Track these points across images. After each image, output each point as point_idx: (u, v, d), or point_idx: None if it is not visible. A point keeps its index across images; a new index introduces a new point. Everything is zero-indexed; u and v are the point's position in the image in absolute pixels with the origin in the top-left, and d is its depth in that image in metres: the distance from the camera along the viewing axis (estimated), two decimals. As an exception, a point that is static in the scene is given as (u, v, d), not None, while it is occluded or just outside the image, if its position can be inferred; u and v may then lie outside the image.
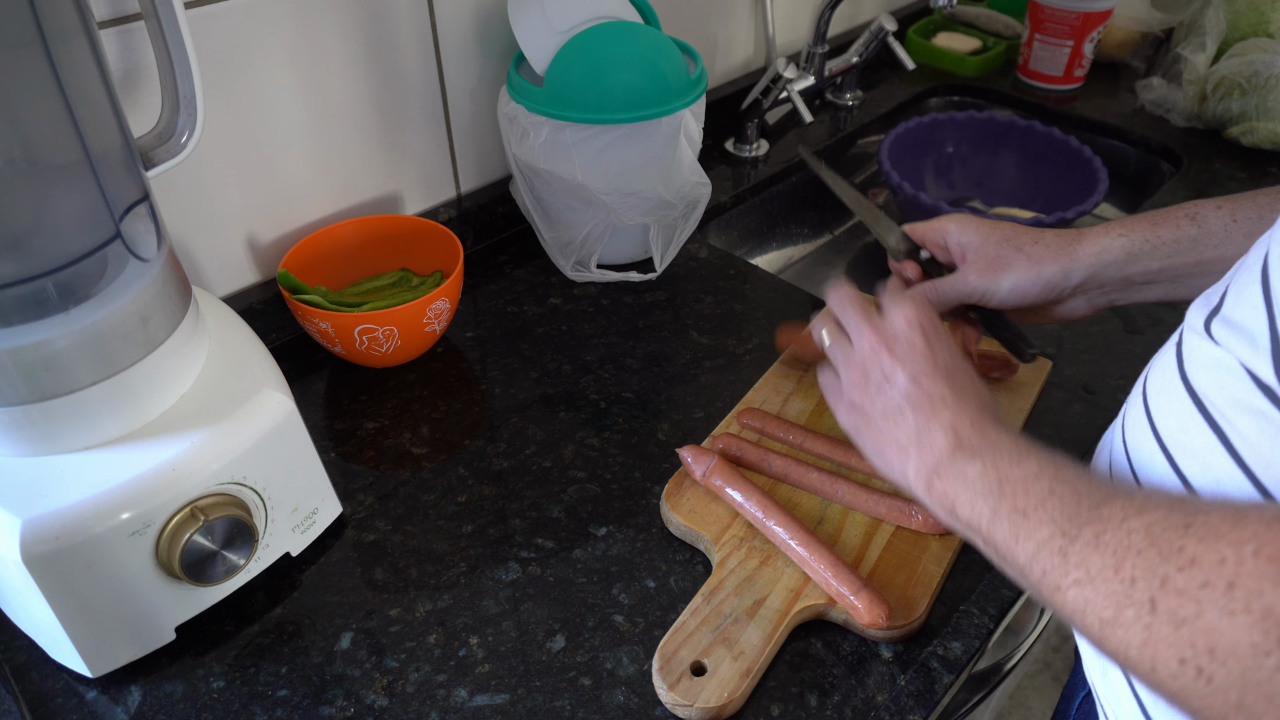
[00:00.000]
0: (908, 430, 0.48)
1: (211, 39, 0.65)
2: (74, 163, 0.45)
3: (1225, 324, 0.37)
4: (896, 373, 0.50)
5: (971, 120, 1.10)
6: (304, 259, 0.75)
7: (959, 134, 1.11)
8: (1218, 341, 0.37)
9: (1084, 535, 0.36)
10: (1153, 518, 0.33)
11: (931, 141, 1.11)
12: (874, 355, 0.51)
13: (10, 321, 0.45)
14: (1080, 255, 0.58)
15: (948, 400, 0.48)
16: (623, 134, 0.76)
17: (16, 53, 0.41)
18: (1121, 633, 0.33)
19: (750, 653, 0.52)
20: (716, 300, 0.84)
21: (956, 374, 0.50)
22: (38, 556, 0.46)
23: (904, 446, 0.48)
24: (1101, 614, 0.34)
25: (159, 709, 0.52)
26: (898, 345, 0.51)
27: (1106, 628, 0.33)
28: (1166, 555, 0.31)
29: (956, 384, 0.49)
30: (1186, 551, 0.31)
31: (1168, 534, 0.32)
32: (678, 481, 0.63)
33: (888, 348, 0.51)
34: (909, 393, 0.49)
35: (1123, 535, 0.34)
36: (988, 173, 1.13)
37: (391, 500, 0.64)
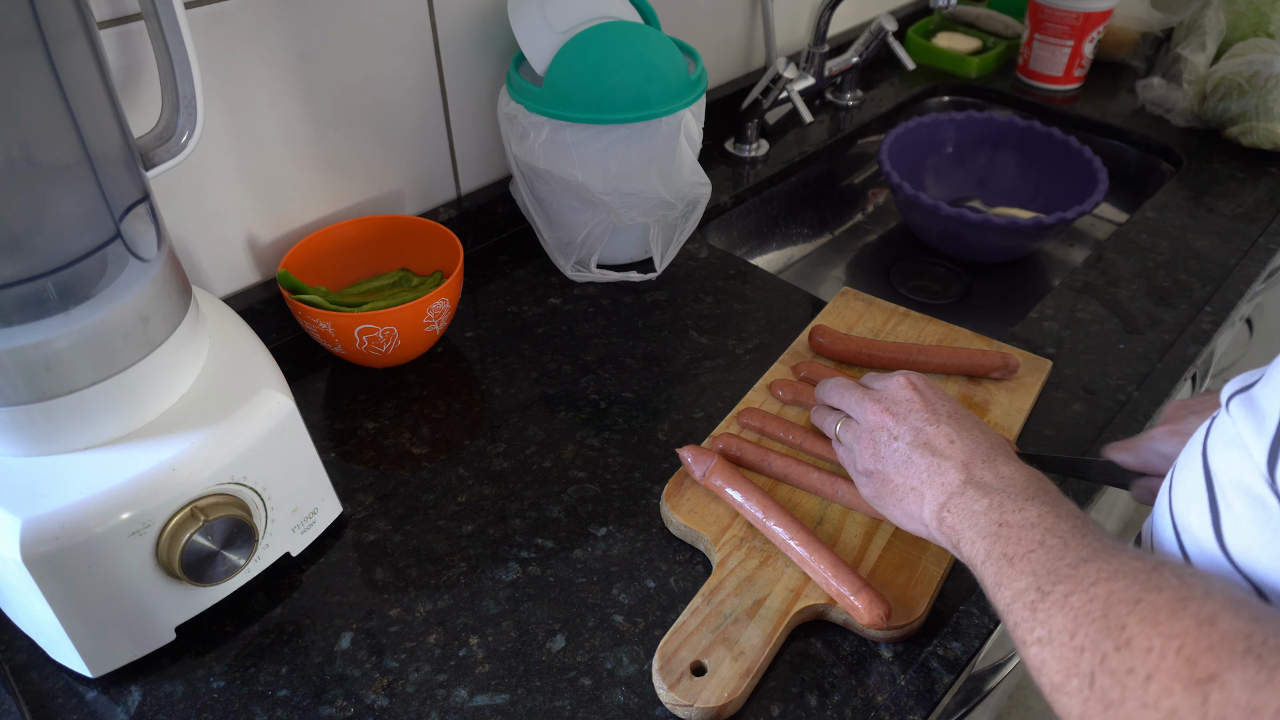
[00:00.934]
0: (918, 473, 0.50)
1: (211, 39, 0.65)
2: (74, 163, 0.45)
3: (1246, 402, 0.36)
4: (901, 428, 0.53)
5: (971, 120, 1.10)
6: (304, 259, 0.75)
7: (959, 134, 1.11)
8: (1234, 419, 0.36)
9: (1055, 593, 0.37)
10: (1114, 586, 0.34)
11: (931, 141, 1.11)
12: (878, 421, 0.54)
13: (10, 321, 0.45)
14: None
15: (955, 440, 0.50)
16: (623, 134, 0.76)
17: (16, 52, 0.41)
18: (1065, 699, 0.34)
19: (750, 653, 0.52)
20: (716, 300, 0.84)
21: (961, 418, 0.52)
22: (38, 556, 0.46)
23: (918, 489, 0.50)
24: (1053, 678, 0.35)
25: (159, 709, 0.52)
26: (898, 406, 0.54)
27: (1055, 692, 0.34)
28: (1111, 631, 0.32)
29: (963, 426, 0.51)
30: (1127, 630, 0.32)
31: (1118, 608, 0.33)
32: (678, 481, 0.63)
33: (889, 411, 0.54)
34: (913, 441, 0.52)
35: (1086, 600, 0.35)
36: (988, 172, 1.13)
37: (391, 500, 0.64)
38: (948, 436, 0.51)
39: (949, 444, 0.50)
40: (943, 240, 1.03)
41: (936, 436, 0.51)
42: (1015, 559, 0.41)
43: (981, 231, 0.96)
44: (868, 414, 0.55)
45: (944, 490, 0.48)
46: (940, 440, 0.51)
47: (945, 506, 0.48)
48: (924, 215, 0.98)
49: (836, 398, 0.60)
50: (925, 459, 0.50)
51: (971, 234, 0.98)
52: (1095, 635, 0.33)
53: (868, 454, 0.54)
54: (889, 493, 0.53)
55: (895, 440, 0.53)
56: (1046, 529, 0.41)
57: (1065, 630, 0.35)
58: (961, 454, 0.49)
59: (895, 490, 0.52)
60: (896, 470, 0.52)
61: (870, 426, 0.55)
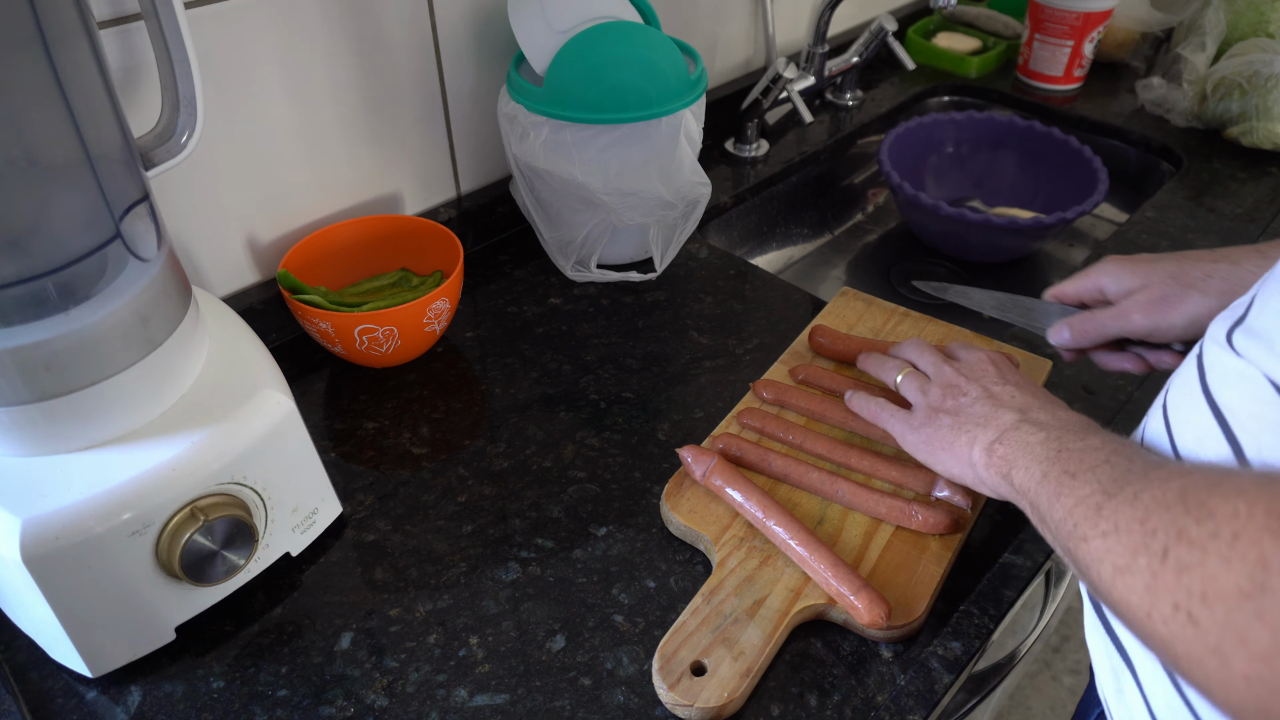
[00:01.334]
0: (974, 419, 0.53)
1: (211, 39, 0.65)
2: (74, 163, 0.45)
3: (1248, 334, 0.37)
4: (970, 386, 0.56)
5: (971, 120, 1.10)
6: (304, 259, 0.75)
7: (959, 134, 1.11)
8: (1239, 353, 0.37)
9: (1124, 493, 0.37)
10: (1191, 480, 0.34)
11: (931, 141, 1.11)
12: (953, 379, 0.57)
13: (10, 321, 0.45)
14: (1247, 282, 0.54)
15: (1016, 396, 0.53)
16: (623, 134, 0.76)
17: (17, 52, 0.41)
18: (1130, 579, 0.34)
19: (750, 653, 0.52)
20: (716, 300, 0.84)
21: (1026, 384, 0.55)
22: (38, 556, 0.46)
23: (971, 432, 0.53)
24: (1117, 561, 0.35)
25: (159, 709, 0.52)
26: (973, 370, 0.57)
27: (1118, 574, 0.35)
28: (1190, 509, 0.32)
29: (1026, 388, 0.54)
30: (1207, 506, 0.32)
31: (1198, 492, 0.33)
32: (677, 481, 0.63)
33: (963, 375, 0.57)
34: (978, 396, 0.55)
35: (1159, 493, 0.35)
36: (988, 173, 1.13)
37: (391, 500, 0.64)
38: (1010, 393, 0.54)
39: (1010, 396, 0.53)
40: (943, 240, 1.03)
41: (1001, 393, 0.54)
42: (1078, 474, 0.41)
43: (981, 231, 0.96)
44: (945, 372, 0.58)
45: (998, 429, 0.50)
46: (1003, 394, 0.54)
47: (998, 440, 0.50)
48: (924, 215, 0.98)
49: (916, 354, 0.62)
50: (985, 407, 0.53)
51: (971, 234, 0.98)
52: (1170, 517, 0.33)
53: (930, 399, 0.57)
54: (940, 438, 0.55)
55: (962, 395, 0.55)
56: (1110, 450, 0.42)
57: (1135, 520, 0.35)
58: (1019, 403, 0.52)
59: (947, 435, 0.54)
60: (953, 416, 0.55)
61: (943, 382, 0.58)
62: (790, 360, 0.74)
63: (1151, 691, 0.42)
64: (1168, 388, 0.44)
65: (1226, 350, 0.38)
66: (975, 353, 0.60)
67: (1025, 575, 0.58)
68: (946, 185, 1.14)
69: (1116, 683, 0.45)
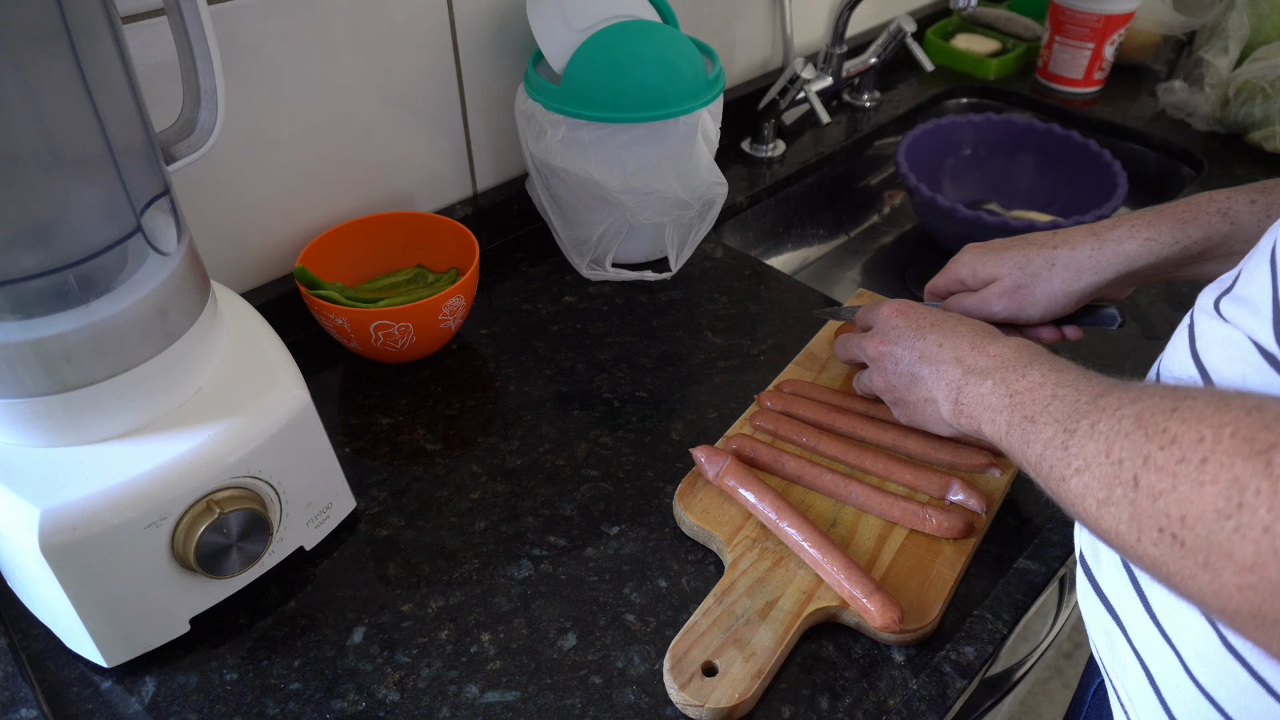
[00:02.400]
0: (925, 384, 0.55)
1: (233, 34, 0.65)
2: (97, 156, 0.46)
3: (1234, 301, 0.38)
4: (899, 350, 0.58)
5: (990, 122, 1.09)
6: (321, 254, 0.75)
7: (977, 136, 1.11)
8: (1226, 319, 0.38)
9: (1081, 427, 0.39)
10: (1144, 405, 0.36)
11: (950, 143, 1.10)
12: (878, 351, 0.60)
13: (32, 314, 0.45)
14: (1105, 265, 0.60)
15: (943, 343, 0.55)
16: (640, 133, 0.76)
17: (42, 47, 0.41)
18: (1113, 510, 0.35)
19: (762, 654, 0.52)
20: (731, 300, 0.84)
21: (943, 323, 0.57)
22: (56, 546, 0.46)
23: (931, 398, 0.55)
24: (1097, 495, 0.36)
25: (173, 699, 0.52)
26: (889, 333, 0.59)
27: (1101, 507, 0.36)
28: (1151, 435, 0.34)
29: (945, 328, 0.56)
30: (1169, 432, 0.33)
31: (1155, 417, 0.34)
32: (691, 481, 0.63)
33: (884, 340, 0.59)
34: (910, 358, 0.57)
35: (1115, 421, 0.37)
36: (1006, 175, 1.12)
37: (405, 496, 0.64)
38: (936, 342, 0.55)
39: (938, 348, 0.55)
40: (959, 243, 1.02)
41: (927, 347, 0.56)
42: (1035, 417, 0.44)
43: (999, 234, 0.95)
44: (869, 350, 0.61)
45: (950, 388, 0.53)
46: (931, 348, 0.55)
47: (957, 401, 0.52)
48: (941, 217, 0.98)
49: (845, 352, 0.66)
50: (926, 369, 0.55)
51: (988, 237, 0.97)
52: (1133, 445, 0.35)
53: (882, 384, 0.60)
54: (914, 410, 0.58)
55: (898, 364, 0.58)
56: (1054, 383, 0.44)
57: (1100, 452, 0.36)
58: (952, 352, 0.54)
59: (916, 406, 0.57)
60: (909, 389, 0.57)
61: (876, 359, 0.60)
62: (805, 360, 0.74)
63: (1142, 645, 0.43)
64: (1162, 357, 0.45)
65: (1214, 318, 0.39)
66: (879, 311, 0.61)
67: (1039, 581, 0.57)
68: (964, 187, 1.14)
69: (1109, 641, 0.46)
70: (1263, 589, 0.29)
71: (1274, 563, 0.28)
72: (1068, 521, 0.61)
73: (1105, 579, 0.46)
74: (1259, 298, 0.36)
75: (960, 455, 0.62)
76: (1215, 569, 0.30)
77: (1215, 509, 0.30)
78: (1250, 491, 0.29)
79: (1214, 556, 0.30)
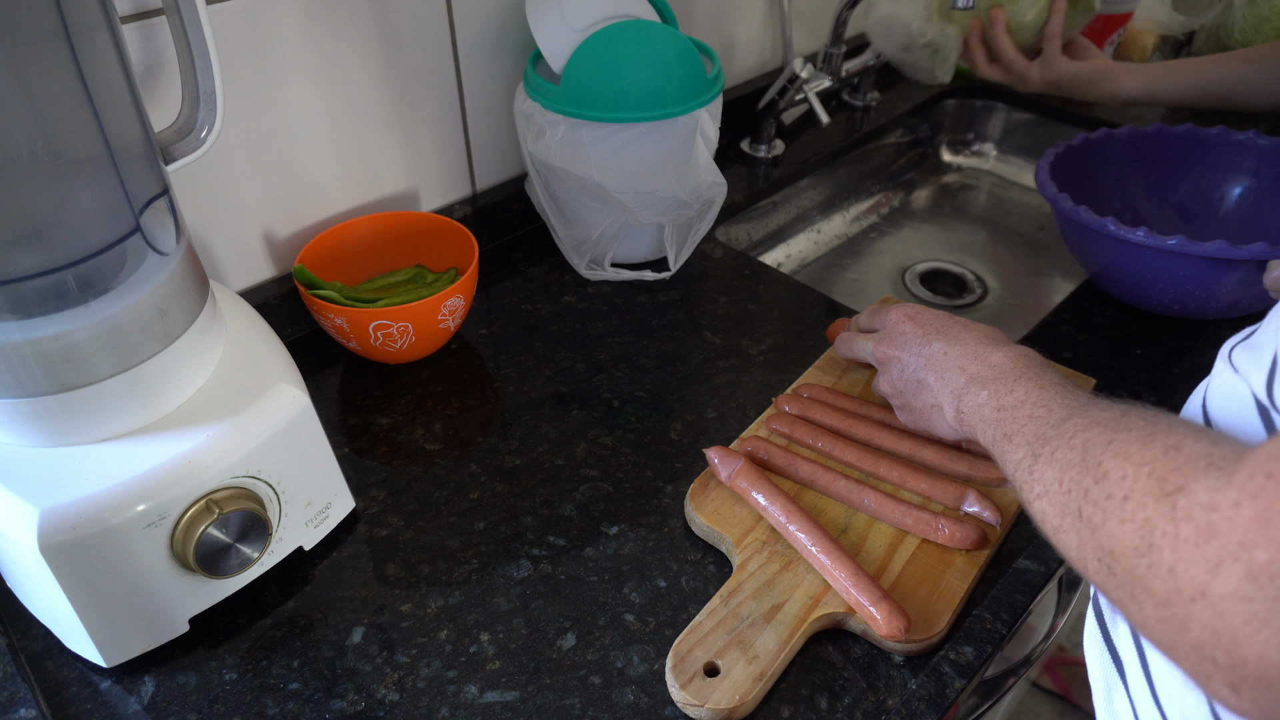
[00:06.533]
0: (931, 392, 0.57)
1: (231, 34, 0.65)
2: (95, 156, 0.46)
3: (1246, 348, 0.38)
4: (905, 355, 0.59)
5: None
6: (320, 254, 0.75)
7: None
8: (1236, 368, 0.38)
9: (1044, 453, 0.41)
10: (1090, 436, 0.38)
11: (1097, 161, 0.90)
12: (885, 355, 0.61)
13: (31, 313, 0.45)
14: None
15: (948, 350, 0.56)
16: (639, 133, 0.76)
17: (41, 47, 0.41)
18: (1064, 538, 0.37)
19: (765, 657, 0.52)
20: (730, 300, 0.84)
21: (949, 329, 0.58)
22: (55, 546, 0.46)
23: (936, 405, 0.56)
24: (1052, 521, 0.39)
25: (172, 700, 0.52)
26: (896, 338, 0.60)
27: (1055, 534, 0.38)
28: (1089, 468, 0.36)
29: (951, 335, 0.57)
30: (1103, 466, 0.35)
31: (1094, 450, 0.37)
32: (703, 482, 0.63)
33: (891, 344, 0.60)
34: (916, 365, 0.58)
35: (1067, 451, 0.39)
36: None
37: (404, 496, 0.64)
38: (942, 350, 0.57)
39: (944, 356, 0.56)
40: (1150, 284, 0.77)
41: (933, 354, 0.57)
42: (1012, 436, 0.46)
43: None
44: (876, 354, 0.62)
45: (954, 395, 0.54)
46: (937, 355, 0.57)
47: (959, 408, 0.54)
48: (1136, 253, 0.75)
49: (847, 350, 0.67)
50: (931, 376, 0.57)
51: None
52: (1077, 476, 0.37)
53: (888, 388, 0.61)
54: (920, 416, 0.59)
55: (904, 370, 0.59)
56: (1033, 402, 0.46)
57: (1055, 479, 0.39)
58: (957, 359, 0.55)
59: (922, 411, 0.58)
60: (915, 395, 0.59)
61: (883, 363, 0.61)
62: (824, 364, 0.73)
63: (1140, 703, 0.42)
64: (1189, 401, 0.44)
65: (1226, 366, 0.39)
66: (887, 315, 0.62)
67: (1039, 581, 0.57)
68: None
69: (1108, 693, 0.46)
70: (1174, 623, 0.30)
71: (1178, 601, 0.30)
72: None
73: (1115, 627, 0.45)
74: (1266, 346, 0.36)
75: (976, 467, 0.62)
76: (1139, 601, 0.32)
77: (1133, 546, 0.32)
78: (1158, 533, 0.31)
79: (1137, 590, 0.32)
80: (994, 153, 1.29)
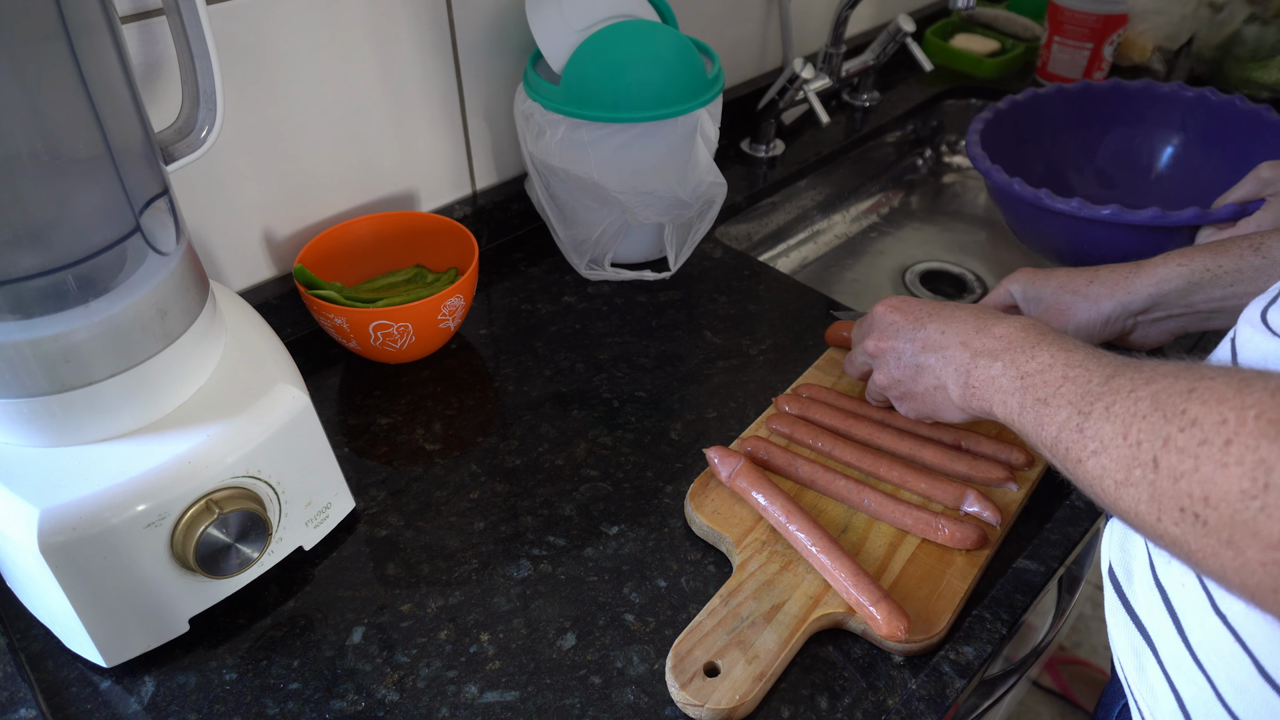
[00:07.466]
0: (933, 372, 0.56)
1: (231, 34, 0.65)
2: (95, 156, 0.46)
3: None
4: (899, 343, 0.59)
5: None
6: (320, 254, 0.75)
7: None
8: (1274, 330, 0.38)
9: (1096, 410, 0.39)
10: (1159, 386, 0.36)
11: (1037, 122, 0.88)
12: (878, 348, 0.61)
13: (31, 313, 0.45)
14: (1137, 287, 0.61)
15: (945, 329, 0.55)
16: (639, 133, 0.76)
17: (41, 47, 0.41)
18: (1132, 491, 0.36)
19: (765, 657, 0.52)
20: (730, 300, 0.84)
21: (939, 311, 0.57)
22: (55, 546, 0.46)
23: (940, 385, 0.55)
24: (1115, 476, 0.37)
25: (172, 699, 0.52)
26: (887, 329, 0.60)
27: (1120, 488, 0.36)
28: (1170, 417, 0.34)
29: (943, 315, 0.56)
30: (1189, 414, 0.34)
31: (1172, 399, 0.35)
32: (703, 482, 0.63)
33: (882, 337, 0.60)
34: (912, 350, 0.57)
35: (1130, 404, 0.37)
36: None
37: (404, 496, 0.64)
38: (938, 330, 0.56)
39: (941, 335, 0.55)
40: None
41: (929, 335, 0.56)
42: (1048, 399, 0.44)
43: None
44: (869, 349, 0.62)
45: (959, 371, 0.53)
46: (934, 336, 0.56)
47: (967, 384, 0.52)
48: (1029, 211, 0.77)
49: (854, 367, 0.66)
50: (931, 357, 0.56)
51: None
52: (1150, 427, 0.35)
53: (885, 380, 0.61)
54: (922, 401, 0.58)
55: (900, 357, 0.58)
56: (1064, 364, 0.45)
57: (1116, 434, 0.37)
58: (957, 337, 0.54)
59: (924, 396, 0.57)
60: (914, 380, 0.58)
61: (878, 356, 0.61)
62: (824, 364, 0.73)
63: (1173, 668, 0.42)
64: None
65: (1260, 329, 0.39)
66: (872, 311, 0.63)
67: (1039, 581, 0.57)
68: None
69: (1137, 661, 0.46)
70: None
71: None
72: (1067, 521, 0.61)
73: (1137, 596, 0.45)
74: None
75: (976, 467, 0.62)
76: (1239, 547, 0.31)
77: (1240, 490, 0.31)
78: (1277, 473, 0.30)
79: (1238, 535, 0.31)
80: (994, 153, 1.29)
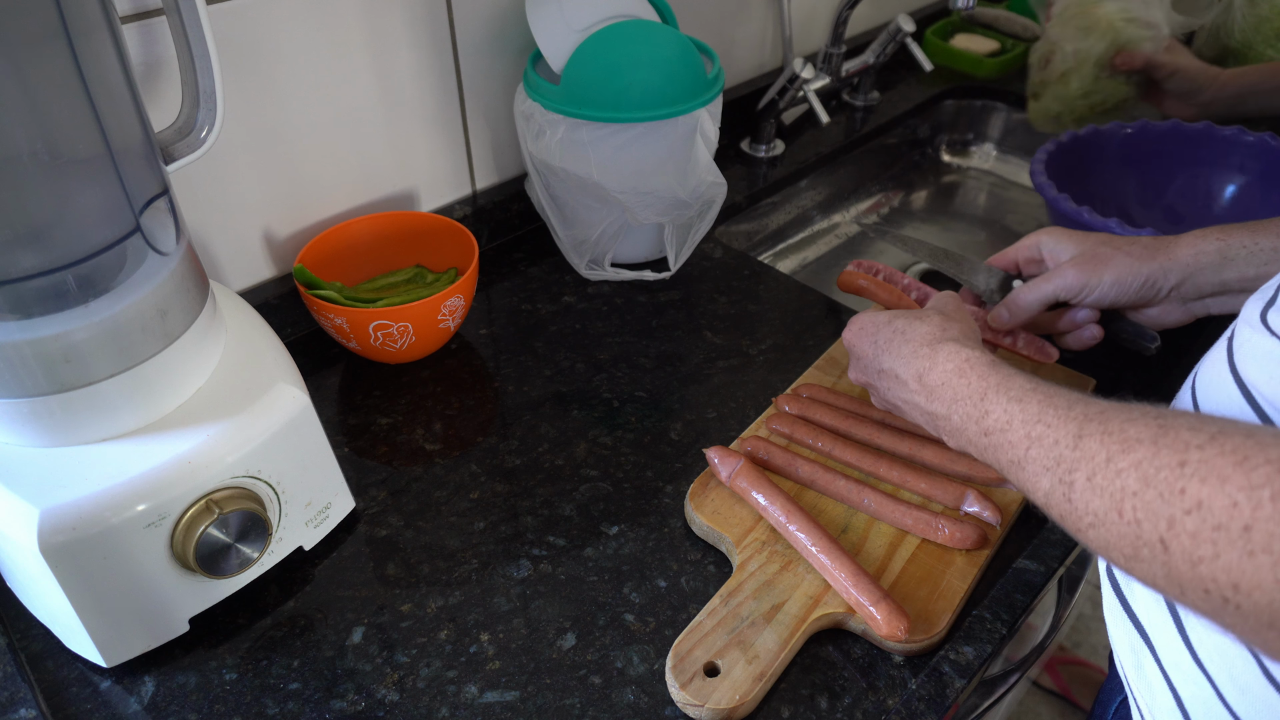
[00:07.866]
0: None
1: (232, 34, 0.65)
2: (95, 156, 0.46)
3: None
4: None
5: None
6: (320, 254, 0.75)
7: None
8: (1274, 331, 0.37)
9: (1078, 481, 0.37)
10: (1138, 455, 0.34)
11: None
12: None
13: (31, 313, 0.45)
14: (1177, 255, 0.62)
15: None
16: (639, 133, 0.76)
17: (41, 47, 0.41)
18: (1144, 567, 0.34)
19: (765, 657, 0.52)
20: (730, 300, 0.84)
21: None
22: (55, 546, 0.46)
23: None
24: (1123, 551, 0.35)
25: (172, 700, 0.52)
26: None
27: (1131, 563, 0.34)
28: (1167, 498, 0.32)
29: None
30: (1190, 494, 0.31)
31: (1162, 474, 0.33)
32: (703, 481, 0.63)
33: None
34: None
35: (1113, 477, 0.35)
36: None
37: (404, 496, 0.64)
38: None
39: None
40: None
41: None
42: (1021, 463, 0.42)
43: None
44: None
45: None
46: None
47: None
48: None
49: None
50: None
51: None
52: (1147, 506, 0.33)
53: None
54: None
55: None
56: (1020, 421, 0.43)
57: (1109, 510, 0.35)
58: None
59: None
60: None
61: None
62: (825, 364, 0.73)
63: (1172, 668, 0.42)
64: (1196, 370, 0.44)
65: (1259, 330, 0.38)
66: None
67: (1039, 581, 0.57)
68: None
69: (1135, 659, 0.46)
70: None
71: None
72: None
73: (1135, 596, 0.45)
74: None
75: (976, 467, 0.62)
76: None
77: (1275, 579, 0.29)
78: None
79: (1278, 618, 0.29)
80: (993, 153, 1.29)
